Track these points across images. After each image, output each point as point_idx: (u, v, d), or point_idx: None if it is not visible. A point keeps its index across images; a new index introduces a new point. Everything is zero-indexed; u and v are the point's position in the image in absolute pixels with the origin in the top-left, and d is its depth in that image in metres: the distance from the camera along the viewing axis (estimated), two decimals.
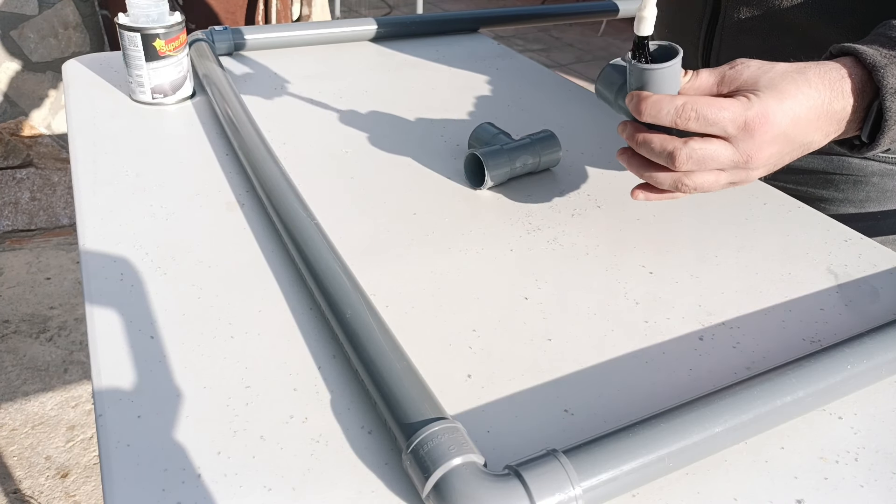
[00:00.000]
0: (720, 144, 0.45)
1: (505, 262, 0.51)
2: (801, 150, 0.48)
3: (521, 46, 3.94)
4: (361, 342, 0.39)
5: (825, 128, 0.47)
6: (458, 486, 0.31)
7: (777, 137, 0.45)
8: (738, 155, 0.45)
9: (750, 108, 0.44)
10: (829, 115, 0.46)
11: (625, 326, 0.46)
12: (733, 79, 0.46)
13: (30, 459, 1.37)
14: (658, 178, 0.48)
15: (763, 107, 0.44)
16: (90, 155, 0.62)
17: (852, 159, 0.66)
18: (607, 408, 0.39)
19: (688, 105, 0.44)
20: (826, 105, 0.46)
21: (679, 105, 0.44)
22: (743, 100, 0.44)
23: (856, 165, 0.66)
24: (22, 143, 1.94)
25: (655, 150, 0.47)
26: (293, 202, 0.51)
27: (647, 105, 0.46)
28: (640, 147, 0.48)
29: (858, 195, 0.67)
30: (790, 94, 0.45)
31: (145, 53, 0.69)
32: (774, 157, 0.47)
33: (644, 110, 0.46)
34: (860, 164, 0.66)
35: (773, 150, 0.46)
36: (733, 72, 0.46)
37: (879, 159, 0.65)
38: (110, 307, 0.44)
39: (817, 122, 0.46)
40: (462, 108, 0.77)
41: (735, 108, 0.44)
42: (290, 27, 0.91)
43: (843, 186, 0.67)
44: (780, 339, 0.46)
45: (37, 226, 2.02)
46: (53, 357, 1.61)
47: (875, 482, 0.36)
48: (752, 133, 0.44)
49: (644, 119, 0.46)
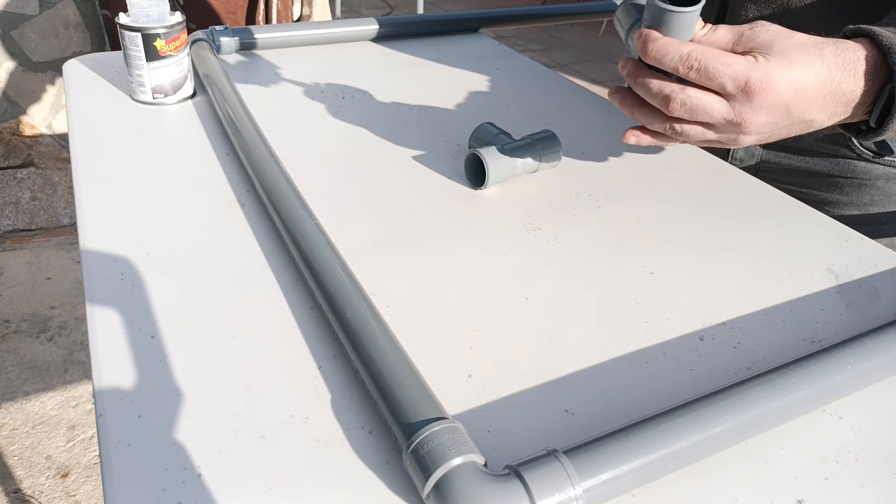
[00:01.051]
0: (716, 99, 0.45)
1: (505, 262, 0.51)
2: (801, 127, 0.47)
3: (522, 46, 3.94)
4: (362, 342, 0.39)
5: (831, 108, 0.46)
6: (459, 485, 0.31)
7: (776, 107, 0.44)
8: (732, 114, 0.45)
9: (755, 69, 0.43)
10: (837, 96, 0.45)
11: (625, 326, 0.46)
12: (750, 39, 0.45)
13: (30, 459, 1.37)
14: (650, 120, 0.48)
15: (768, 72, 0.43)
16: (91, 155, 0.62)
17: (858, 162, 0.65)
18: (607, 408, 0.39)
19: (692, 54, 0.44)
20: (835, 85, 0.45)
21: (684, 53, 0.44)
22: (750, 59, 0.44)
23: (861, 169, 0.65)
24: (23, 142, 1.94)
25: (652, 90, 0.46)
26: (294, 202, 0.51)
27: (653, 46, 0.45)
28: (637, 86, 0.48)
29: (863, 198, 0.67)
30: (800, 65, 0.44)
31: (146, 53, 0.69)
32: (769, 127, 0.46)
33: (650, 51, 0.45)
34: (865, 167, 0.65)
35: (769, 118, 0.45)
36: (752, 32, 0.45)
37: (885, 163, 0.65)
38: (111, 307, 0.44)
39: (823, 100, 0.45)
40: (462, 108, 0.77)
41: (739, 66, 0.43)
42: (291, 27, 0.91)
43: (847, 189, 0.67)
44: (780, 340, 0.46)
45: (37, 225, 2.02)
46: (54, 357, 1.61)
47: (875, 482, 0.36)
48: (751, 96, 0.44)
49: (648, 60, 0.46)
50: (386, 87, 0.81)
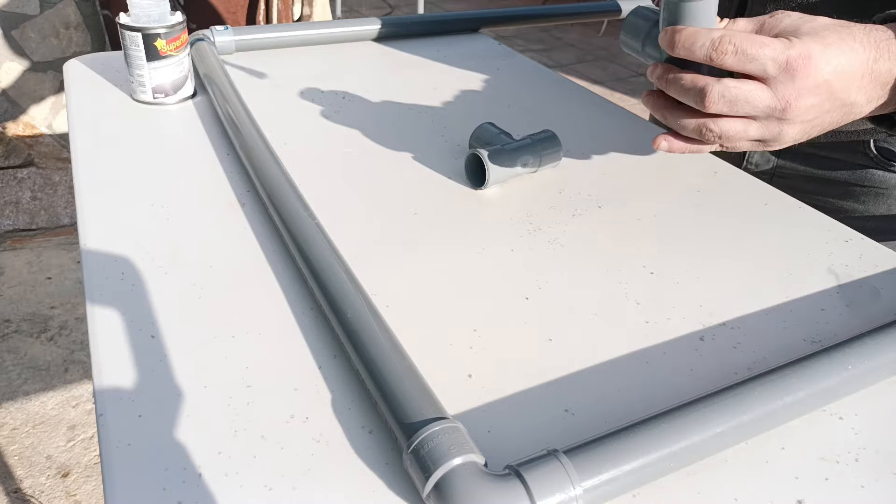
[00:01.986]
0: (757, 86, 0.42)
1: (506, 262, 0.51)
2: (842, 113, 0.44)
3: (523, 46, 3.94)
4: (362, 342, 0.39)
5: (869, 89, 0.43)
6: (459, 485, 0.31)
7: (819, 86, 0.42)
8: (775, 100, 0.42)
9: (792, 47, 0.41)
10: (874, 75, 0.43)
11: (625, 326, 0.46)
12: (772, 26, 0.43)
13: (30, 459, 1.37)
14: (683, 123, 0.45)
15: (806, 48, 0.41)
16: (91, 154, 0.62)
17: (875, 171, 0.64)
18: (608, 408, 0.39)
19: (725, 38, 0.41)
20: (871, 63, 0.43)
21: (716, 38, 0.41)
22: (783, 40, 0.41)
23: (878, 178, 0.64)
24: (23, 142, 1.94)
25: (686, 85, 0.43)
26: (294, 202, 0.51)
27: (681, 37, 0.42)
28: (669, 85, 0.45)
29: (879, 208, 0.65)
30: (834, 42, 0.42)
31: (146, 53, 0.69)
32: (814, 111, 0.43)
33: (678, 42, 0.43)
34: (882, 176, 0.64)
35: (813, 100, 0.42)
36: (773, 20, 0.44)
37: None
38: (111, 307, 0.44)
39: (861, 79, 0.43)
40: (463, 108, 0.77)
41: (777, 45, 0.41)
42: (292, 27, 0.91)
43: (863, 199, 0.65)
44: (780, 340, 0.46)
45: (38, 225, 2.02)
46: (54, 356, 1.61)
47: (876, 483, 0.36)
48: (794, 75, 0.41)
49: (677, 52, 0.43)
50: (386, 87, 0.81)
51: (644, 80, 3.61)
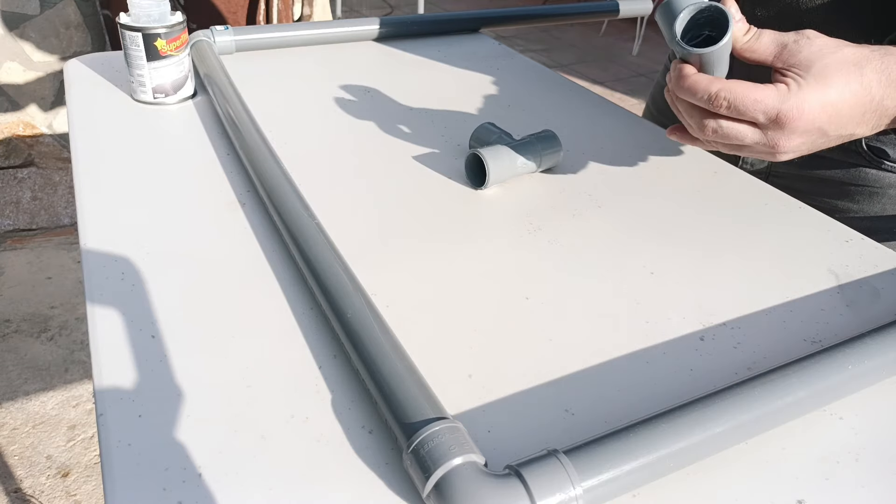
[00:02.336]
0: (748, 127, 0.46)
1: (506, 262, 0.51)
2: (840, 140, 0.47)
3: (523, 46, 3.94)
4: (362, 342, 0.39)
5: (873, 122, 0.46)
6: (459, 485, 0.31)
7: (809, 131, 0.45)
8: (764, 139, 0.46)
9: (786, 101, 0.44)
10: (880, 111, 0.45)
11: (625, 326, 0.46)
12: (792, 54, 0.45)
13: (31, 459, 1.37)
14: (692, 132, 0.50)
15: (799, 101, 0.44)
16: (91, 154, 0.62)
17: (869, 170, 0.64)
18: (608, 408, 0.39)
19: (721, 94, 0.45)
20: (877, 102, 0.44)
21: (713, 92, 0.45)
22: (781, 89, 0.44)
23: (872, 177, 0.65)
24: (23, 142, 1.94)
25: (685, 115, 0.49)
26: (294, 202, 0.51)
27: (685, 83, 0.47)
28: (676, 101, 0.49)
29: (874, 207, 0.66)
30: (836, 86, 0.44)
31: (147, 53, 0.69)
32: (805, 146, 0.46)
33: (682, 86, 0.47)
34: (877, 175, 0.64)
35: (802, 139, 0.45)
36: (795, 46, 0.46)
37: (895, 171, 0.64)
38: (111, 306, 0.44)
39: (862, 116, 0.45)
40: (463, 108, 0.77)
41: (769, 101, 0.44)
42: (292, 27, 0.91)
43: (858, 198, 0.66)
44: (780, 340, 0.46)
45: (38, 225, 2.02)
46: (54, 356, 1.61)
47: (876, 483, 0.36)
48: (783, 126, 0.44)
49: (681, 95, 0.47)
50: (386, 87, 0.81)
51: (644, 80, 3.61)
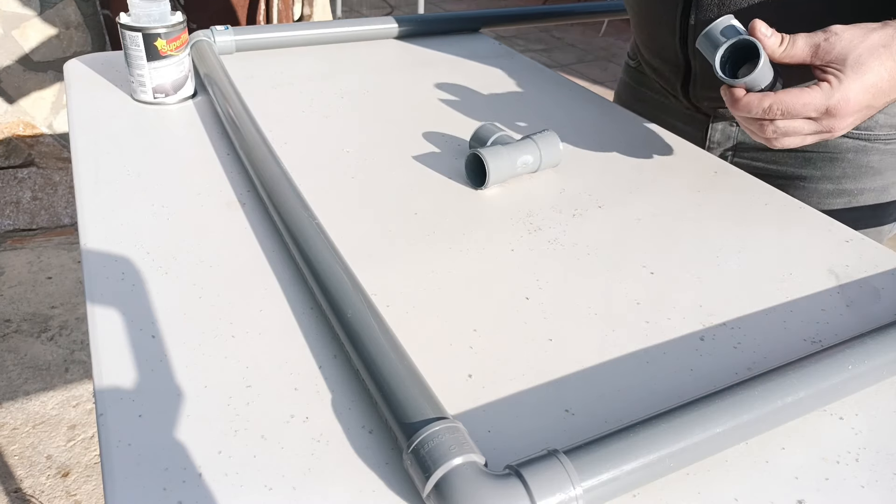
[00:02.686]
0: (803, 122, 0.51)
1: (506, 262, 0.51)
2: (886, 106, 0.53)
3: (523, 46, 3.94)
4: (362, 342, 0.39)
5: None
6: (459, 485, 0.31)
7: (858, 111, 0.51)
8: (820, 127, 0.51)
9: (832, 96, 0.49)
10: None
11: (626, 326, 0.46)
12: (826, 52, 0.51)
13: (31, 458, 1.37)
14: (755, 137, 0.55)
15: (844, 92, 0.49)
16: (92, 154, 0.62)
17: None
18: (608, 408, 0.39)
19: (773, 106, 0.50)
20: None
21: (766, 106, 0.51)
22: (826, 87, 0.50)
23: (832, 144, 0.69)
24: (23, 142, 1.94)
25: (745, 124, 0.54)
26: (294, 202, 0.51)
27: (739, 105, 0.52)
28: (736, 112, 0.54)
29: (835, 171, 0.71)
30: (874, 69, 0.49)
31: (147, 53, 0.69)
32: (857, 121, 0.52)
33: (737, 105, 0.52)
34: (836, 141, 0.69)
35: (853, 118, 0.51)
36: (827, 45, 0.51)
37: (852, 136, 0.69)
38: (111, 306, 0.44)
39: None
40: (463, 107, 0.77)
41: (818, 100, 0.50)
42: (292, 27, 0.91)
43: (820, 164, 0.71)
44: (781, 340, 0.46)
45: (38, 225, 2.02)
46: (54, 356, 1.61)
47: (876, 483, 0.36)
48: (834, 115, 0.50)
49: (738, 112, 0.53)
50: (386, 86, 0.81)
51: None
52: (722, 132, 0.76)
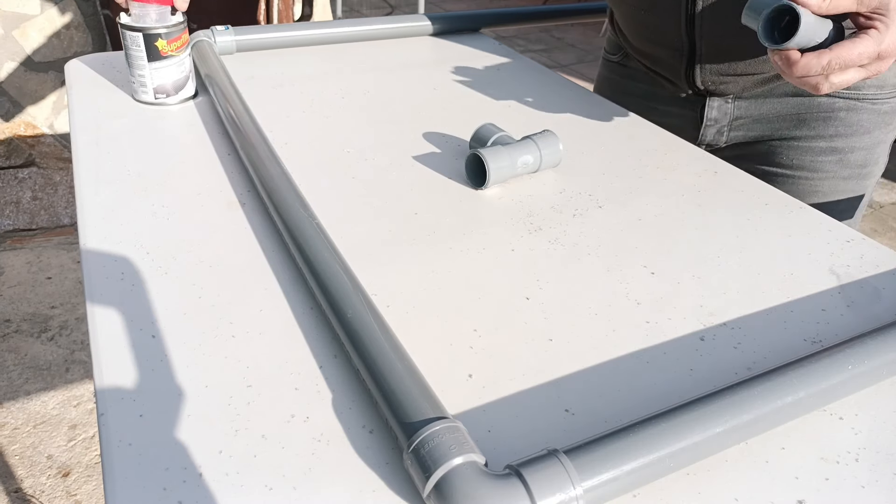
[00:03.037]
0: (855, 70, 0.54)
1: (506, 262, 0.51)
2: None
3: (523, 47, 3.94)
4: (362, 342, 0.39)
5: None
6: (459, 485, 0.31)
7: None
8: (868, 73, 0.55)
9: (882, 41, 0.52)
10: None
11: (626, 326, 0.46)
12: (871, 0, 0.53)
13: (31, 458, 1.37)
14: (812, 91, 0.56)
15: (892, 36, 0.53)
16: (92, 154, 0.62)
17: (821, 98, 0.74)
18: (608, 408, 0.39)
19: (832, 62, 0.53)
20: None
21: (824, 63, 0.53)
22: (874, 34, 0.53)
23: (825, 104, 0.73)
24: (24, 142, 1.94)
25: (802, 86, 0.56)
26: (294, 202, 0.51)
27: (796, 69, 0.54)
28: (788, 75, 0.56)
29: (828, 130, 0.74)
30: None
31: (147, 53, 0.69)
32: None
33: (795, 72, 0.54)
34: (828, 101, 0.73)
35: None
36: None
37: (843, 95, 0.72)
38: (112, 306, 0.44)
39: None
40: (463, 108, 0.77)
41: (870, 48, 0.52)
42: (292, 27, 0.91)
43: (813, 124, 0.75)
44: (781, 340, 0.46)
45: (38, 225, 2.02)
46: (55, 356, 1.61)
47: (876, 483, 0.36)
48: (884, 58, 0.53)
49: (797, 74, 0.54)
50: (387, 86, 0.81)
51: None
52: (719, 109, 0.78)
